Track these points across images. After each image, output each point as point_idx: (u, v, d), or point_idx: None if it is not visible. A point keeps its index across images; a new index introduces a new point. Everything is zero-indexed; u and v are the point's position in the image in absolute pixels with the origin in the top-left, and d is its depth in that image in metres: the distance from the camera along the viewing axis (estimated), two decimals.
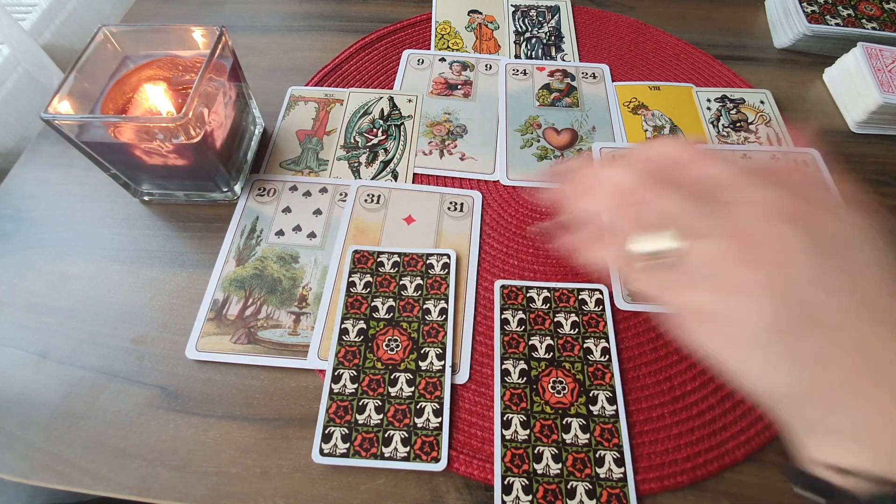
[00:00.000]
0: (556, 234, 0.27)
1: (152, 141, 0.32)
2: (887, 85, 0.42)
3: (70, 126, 0.32)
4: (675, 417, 0.31)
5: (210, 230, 0.38)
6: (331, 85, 0.47)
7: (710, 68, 0.49)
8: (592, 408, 0.31)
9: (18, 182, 0.41)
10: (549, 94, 0.46)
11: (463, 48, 0.50)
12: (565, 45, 0.51)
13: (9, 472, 0.29)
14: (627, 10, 0.55)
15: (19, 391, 0.32)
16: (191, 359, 0.33)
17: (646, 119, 0.44)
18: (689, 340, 0.22)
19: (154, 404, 0.31)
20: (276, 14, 0.54)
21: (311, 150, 0.42)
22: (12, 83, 0.52)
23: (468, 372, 0.32)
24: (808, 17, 0.48)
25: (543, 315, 0.34)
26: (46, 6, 0.56)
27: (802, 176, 0.23)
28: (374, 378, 0.31)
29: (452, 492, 0.29)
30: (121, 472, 0.29)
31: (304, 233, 0.38)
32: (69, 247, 0.37)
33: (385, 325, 0.33)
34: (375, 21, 0.53)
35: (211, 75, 0.34)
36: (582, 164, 0.27)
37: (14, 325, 0.34)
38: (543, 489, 0.28)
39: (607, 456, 0.29)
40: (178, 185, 0.38)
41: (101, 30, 0.36)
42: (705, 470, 0.29)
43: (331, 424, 0.30)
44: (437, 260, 0.36)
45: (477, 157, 0.42)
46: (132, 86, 0.36)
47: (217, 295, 0.35)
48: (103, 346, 0.33)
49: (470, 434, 0.30)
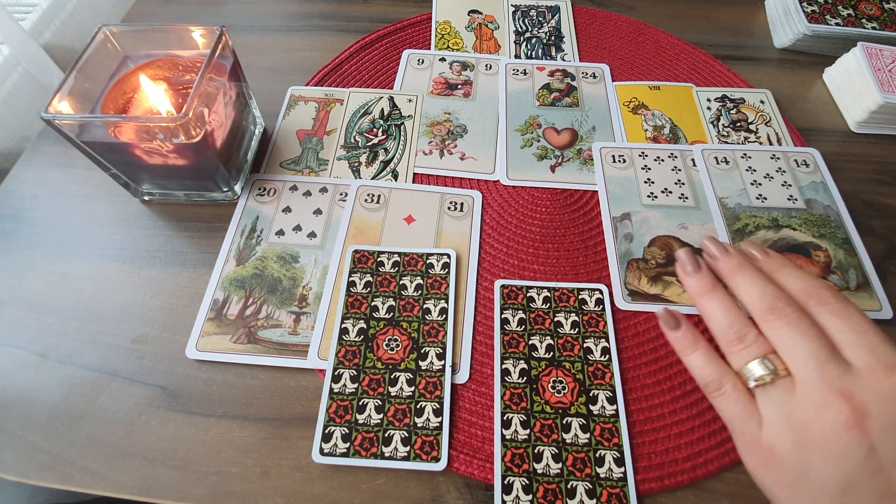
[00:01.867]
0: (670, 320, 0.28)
1: (152, 141, 0.32)
2: (887, 85, 0.42)
3: (70, 126, 0.32)
4: (675, 417, 0.31)
5: (210, 230, 0.38)
6: (331, 85, 0.47)
7: (710, 68, 0.49)
8: (592, 407, 0.31)
9: (18, 182, 0.41)
10: (549, 93, 0.46)
11: (463, 48, 0.50)
12: (565, 45, 0.51)
13: (9, 471, 0.29)
14: (627, 10, 0.55)
15: (19, 391, 0.32)
16: (191, 358, 0.33)
17: (646, 119, 0.44)
18: (738, 444, 0.24)
19: (154, 404, 0.31)
20: (276, 14, 0.54)
21: (312, 149, 0.42)
22: (12, 83, 0.52)
23: (468, 371, 0.32)
24: (808, 16, 0.48)
25: (543, 315, 0.34)
26: (46, 6, 0.56)
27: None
28: (374, 378, 0.31)
29: (452, 491, 0.29)
30: (121, 472, 0.29)
31: (304, 232, 0.38)
32: (69, 247, 0.38)
33: (385, 324, 0.33)
34: (375, 21, 0.53)
35: (211, 75, 0.34)
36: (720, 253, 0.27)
37: (14, 325, 0.34)
38: (543, 489, 0.28)
39: (607, 455, 0.29)
40: (178, 184, 0.38)
41: (101, 30, 0.36)
42: (705, 470, 0.29)
43: (331, 424, 0.30)
44: (437, 260, 0.36)
45: (477, 157, 0.42)
46: (132, 86, 0.36)
47: (217, 295, 0.35)
48: (103, 345, 0.33)
49: (470, 434, 0.30)
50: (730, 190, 0.39)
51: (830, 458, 0.20)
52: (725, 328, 0.25)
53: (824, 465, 0.20)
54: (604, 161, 0.41)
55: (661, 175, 0.40)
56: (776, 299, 0.24)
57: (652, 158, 0.41)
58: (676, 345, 0.27)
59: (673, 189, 0.40)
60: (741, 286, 0.25)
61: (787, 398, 0.22)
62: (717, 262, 0.27)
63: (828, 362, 0.22)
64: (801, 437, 0.21)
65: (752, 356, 0.24)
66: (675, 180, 0.40)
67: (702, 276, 0.27)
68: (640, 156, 0.42)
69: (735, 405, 0.24)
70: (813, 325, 0.23)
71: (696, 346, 0.26)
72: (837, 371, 0.21)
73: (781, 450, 0.22)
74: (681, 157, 0.42)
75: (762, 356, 0.23)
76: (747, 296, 0.25)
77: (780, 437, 0.22)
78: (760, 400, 0.23)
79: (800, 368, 0.22)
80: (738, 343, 0.24)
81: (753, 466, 0.23)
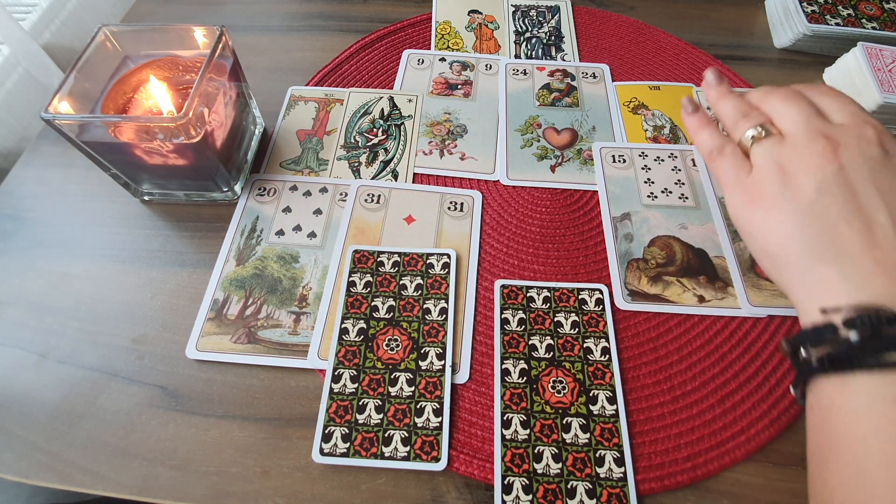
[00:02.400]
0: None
1: (152, 141, 0.32)
2: (887, 85, 0.42)
3: (70, 126, 0.32)
4: (675, 417, 0.31)
5: (210, 230, 0.38)
6: (331, 85, 0.47)
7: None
8: (592, 407, 0.31)
9: (18, 182, 0.41)
10: (549, 93, 0.46)
11: (463, 48, 0.50)
12: (565, 45, 0.51)
13: (9, 471, 0.29)
14: (627, 10, 0.55)
15: (19, 391, 0.32)
16: (191, 358, 0.33)
17: (646, 119, 0.44)
18: (728, 192, 0.28)
19: (154, 404, 0.31)
20: (276, 14, 0.54)
21: (312, 149, 0.42)
22: (12, 83, 0.52)
23: (468, 371, 0.32)
24: (808, 16, 0.48)
25: (543, 315, 0.34)
26: (46, 6, 0.56)
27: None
28: (374, 378, 0.31)
29: (452, 491, 0.29)
30: (121, 472, 0.29)
31: (304, 232, 0.38)
32: (69, 247, 0.38)
33: (385, 324, 0.33)
34: (375, 21, 0.53)
35: (211, 75, 0.34)
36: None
37: (14, 325, 0.34)
38: (543, 489, 0.28)
39: (607, 455, 0.29)
40: (178, 184, 0.38)
41: (101, 30, 0.36)
42: (705, 470, 0.29)
43: (331, 424, 0.30)
44: (437, 260, 0.36)
45: (477, 157, 0.42)
46: (132, 86, 0.36)
47: (217, 295, 0.35)
48: (103, 345, 0.33)
49: (470, 434, 0.30)
50: None
51: (809, 174, 0.25)
52: (732, 111, 0.30)
53: (803, 182, 0.25)
54: (604, 161, 0.41)
55: (661, 175, 0.40)
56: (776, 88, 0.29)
57: (652, 158, 0.41)
58: (690, 125, 0.32)
59: (673, 189, 0.40)
60: (747, 94, 0.31)
61: (776, 145, 0.27)
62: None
63: (814, 117, 0.27)
64: (786, 169, 0.26)
65: (750, 124, 0.28)
66: (675, 180, 0.40)
67: (712, 89, 0.32)
68: (640, 156, 0.42)
69: (732, 160, 0.28)
70: (805, 98, 0.28)
71: (707, 126, 0.31)
72: (821, 123, 0.26)
73: (767, 182, 0.26)
74: (681, 158, 0.42)
75: (759, 125, 0.28)
76: (753, 93, 0.30)
77: (767, 173, 0.26)
78: (754, 151, 0.28)
79: (789, 124, 0.27)
80: (741, 119, 0.29)
81: (739, 203, 0.28)
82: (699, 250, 0.37)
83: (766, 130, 0.28)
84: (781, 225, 0.25)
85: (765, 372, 0.32)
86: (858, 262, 0.23)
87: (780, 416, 0.30)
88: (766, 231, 0.26)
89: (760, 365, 0.32)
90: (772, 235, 0.26)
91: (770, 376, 0.32)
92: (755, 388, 0.32)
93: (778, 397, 0.31)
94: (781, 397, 0.31)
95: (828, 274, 0.24)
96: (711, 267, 0.36)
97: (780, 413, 0.31)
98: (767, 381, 0.32)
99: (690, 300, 0.35)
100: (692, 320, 0.34)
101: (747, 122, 0.28)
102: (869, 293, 0.22)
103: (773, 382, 0.32)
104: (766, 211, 0.26)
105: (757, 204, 0.27)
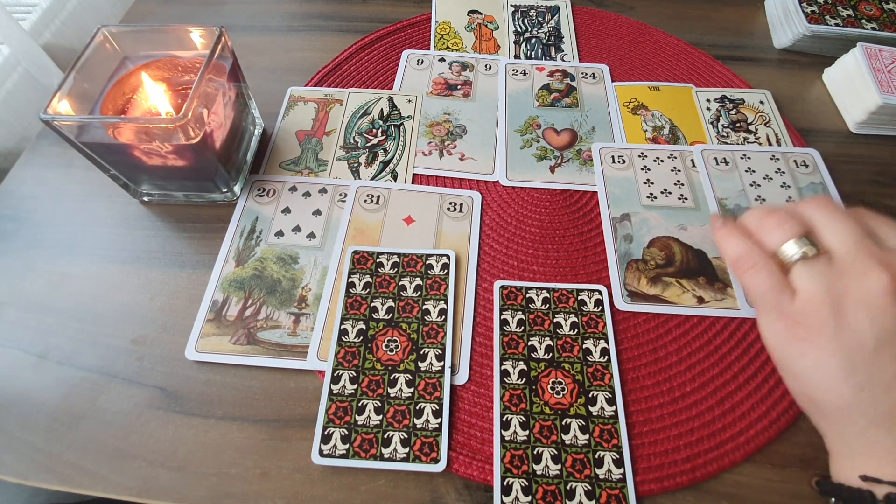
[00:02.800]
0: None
1: (152, 142, 0.32)
2: (887, 85, 0.42)
3: (69, 127, 0.32)
4: (674, 418, 0.31)
5: (210, 231, 0.38)
6: (330, 85, 0.47)
7: (710, 68, 0.49)
8: (592, 408, 0.31)
9: (18, 182, 0.41)
10: (549, 94, 0.46)
11: (462, 48, 0.50)
12: (565, 45, 0.51)
13: (8, 472, 0.29)
14: (627, 10, 0.54)
15: (19, 391, 0.32)
16: (190, 359, 0.33)
17: (645, 119, 0.44)
18: (765, 317, 0.25)
19: (154, 405, 0.31)
20: (276, 14, 0.54)
21: (311, 150, 0.42)
22: (12, 83, 0.52)
23: (467, 373, 0.32)
24: (807, 17, 0.48)
25: (543, 316, 0.34)
26: (46, 6, 0.56)
27: None
28: (373, 379, 0.31)
29: (452, 492, 0.29)
30: (120, 473, 0.29)
31: (303, 233, 0.38)
32: (69, 247, 0.38)
33: (384, 325, 0.33)
34: (375, 21, 0.53)
35: (210, 76, 0.34)
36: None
37: (14, 326, 0.34)
38: (543, 490, 0.28)
39: (606, 457, 0.29)
40: (177, 185, 0.38)
41: (100, 30, 0.36)
42: (705, 471, 0.29)
43: (330, 425, 0.30)
44: (436, 260, 0.36)
45: (476, 158, 0.42)
46: (132, 86, 0.36)
47: (216, 296, 0.35)
48: (103, 346, 0.33)
49: (469, 435, 0.30)
50: (729, 191, 0.39)
51: (868, 318, 0.22)
52: (763, 215, 0.26)
53: (861, 326, 0.22)
54: (603, 162, 0.41)
55: (661, 176, 0.40)
56: None
57: (651, 159, 0.41)
58: (719, 237, 0.28)
59: (672, 190, 0.40)
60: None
61: (826, 269, 0.23)
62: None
63: (865, 238, 0.23)
64: (839, 303, 0.22)
65: (788, 235, 0.25)
66: (675, 181, 0.40)
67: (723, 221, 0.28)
68: (640, 156, 0.42)
69: (769, 278, 0.25)
70: (848, 214, 0.24)
71: (737, 234, 0.27)
72: (875, 246, 0.23)
73: (816, 316, 0.23)
74: (680, 158, 0.42)
75: (798, 236, 0.24)
76: (786, 207, 0.27)
77: (817, 305, 0.23)
78: (798, 272, 0.24)
79: (838, 244, 0.24)
80: (775, 226, 0.25)
81: (779, 336, 0.24)
82: (698, 251, 0.37)
83: (812, 246, 0.24)
84: (832, 371, 0.22)
85: (764, 373, 0.32)
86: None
87: (780, 418, 0.30)
88: (816, 378, 0.23)
89: (760, 366, 0.32)
90: (822, 382, 0.23)
91: (769, 377, 0.32)
92: (754, 389, 0.32)
93: (777, 398, 0.31)
94: (781, 399, 0.31)
95: (878, 439, 0.22)
96: (711, 268, 0.36)
97: (780, 414, 0.31)
98: (767, 382, 0.32)
99: (690, 301, 0.35)
100: (691, 321, 0.34)
101: (781, 231, 0.25)
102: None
103: (773, 384, 0.32)
104: (815, 353, 0.23)
105: (805, 343, 0.23)
